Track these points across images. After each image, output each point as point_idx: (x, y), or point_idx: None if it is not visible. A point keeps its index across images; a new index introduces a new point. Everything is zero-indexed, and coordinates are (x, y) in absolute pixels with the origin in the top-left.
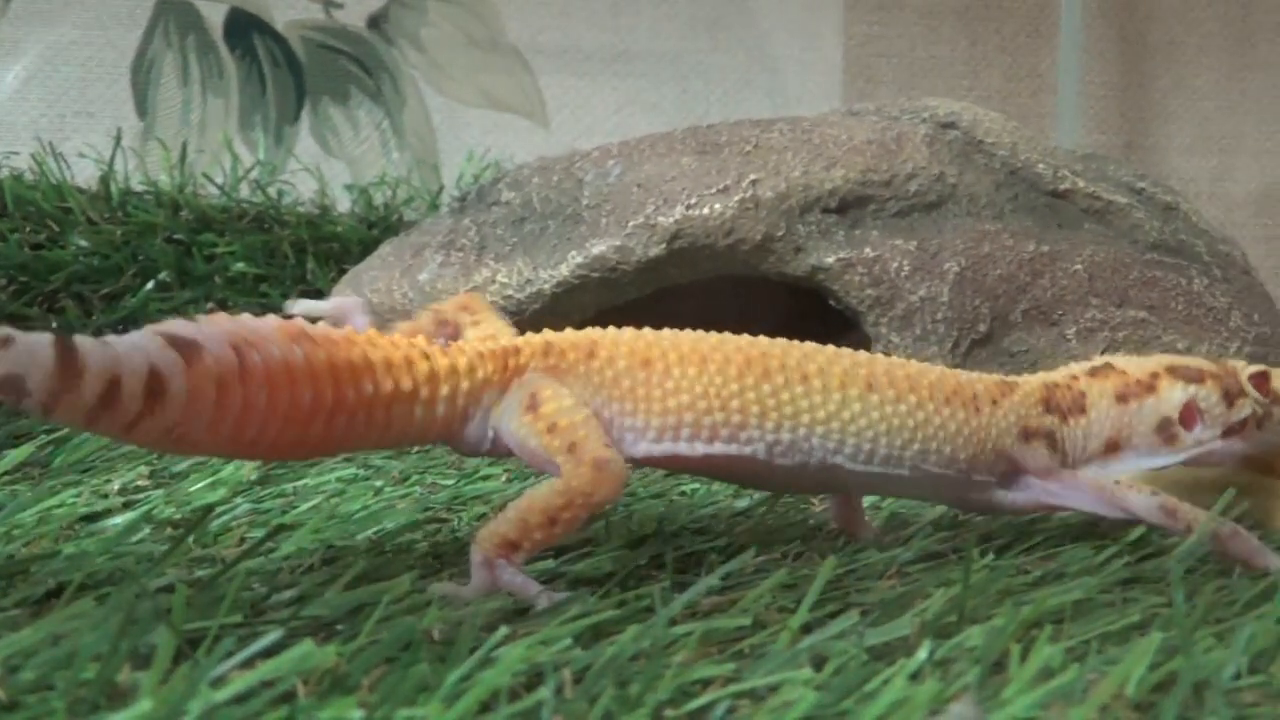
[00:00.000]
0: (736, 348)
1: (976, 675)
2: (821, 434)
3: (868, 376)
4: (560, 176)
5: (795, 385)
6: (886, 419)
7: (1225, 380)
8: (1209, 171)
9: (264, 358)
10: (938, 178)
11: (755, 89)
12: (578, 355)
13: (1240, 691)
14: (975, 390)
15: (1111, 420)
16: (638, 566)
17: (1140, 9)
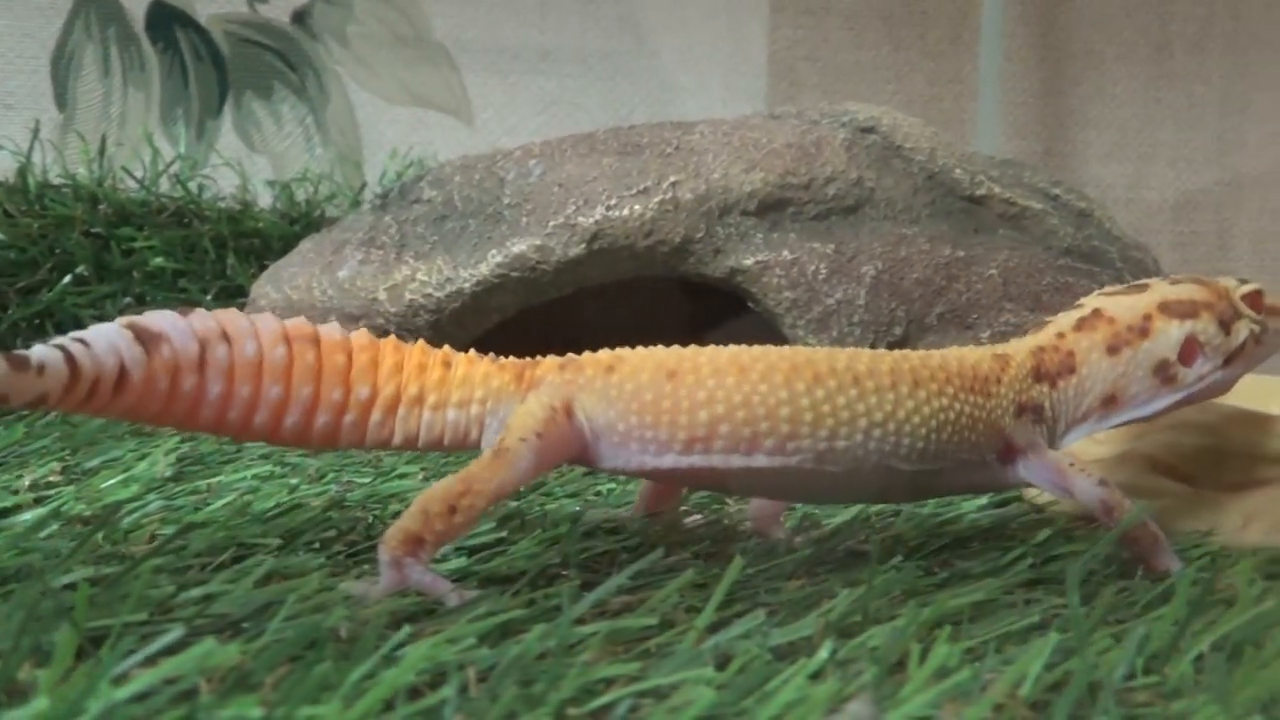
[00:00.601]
0: (780, 354)
1: (875, 675)
2: (879, 436)
3: (910, 373)
4: (482, 175)
5: (849, 389)
6: (935, 414)
7: (1219, 306)
8: (1126, 178)
9: (233, 353)
10: (856, 182)
11: (681, 90)
12: (595, 370)
13: (1134, 691)
14: (984, 373)
15: (1104, 374)
16: (548, 566)
17: (1060, 18)
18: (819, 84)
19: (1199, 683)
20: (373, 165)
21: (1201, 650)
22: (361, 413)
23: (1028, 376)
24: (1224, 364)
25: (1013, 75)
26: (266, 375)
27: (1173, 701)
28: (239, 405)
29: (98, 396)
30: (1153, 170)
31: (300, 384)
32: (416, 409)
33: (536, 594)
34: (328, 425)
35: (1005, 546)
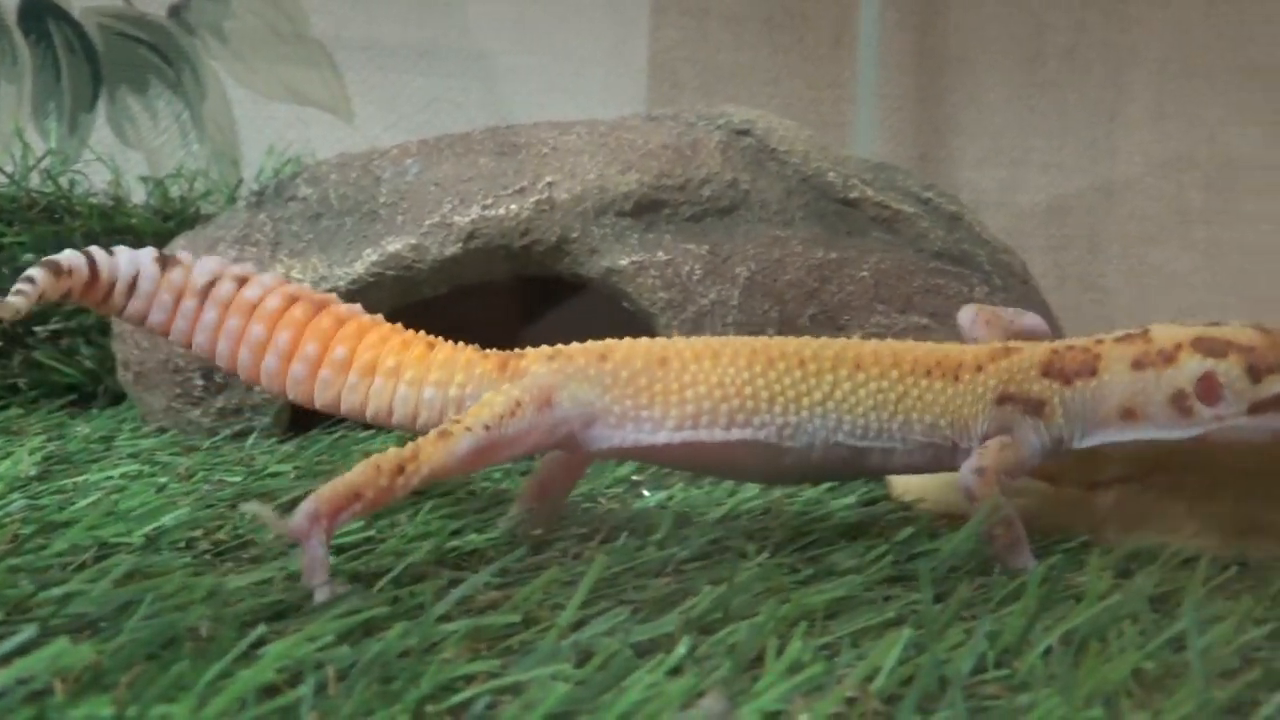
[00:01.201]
0: (742, 340)
1: (730, 670)
2: (820, 413)
3: (854, 357)
4: (358, 174)
5: (794, 370)
6: (872, 395)
7: (1256, 354)
8: (999, 183)
9: (237, 292)
10: (731, 184)
11: (562, 90)
12: (588, 359)
13: (985, 684)
14: (962, 360)
15: (1124, 387)
16: (416, 563)
17: (936, 25)
18: (700, 85)
19: (1048, 676)
20: (250, 162)
21: (1050, 644)
22: (336, 371)
23: (1031, 369)
24: (1250, 411)
25: (890, 81)
26: (256, 316)
27: (1020, 694)
28: (228, 336)
29: (113, 298)
30: (1025, 176)
31: (282, 330)
32: (392, 381)
33: (401, 591)
34: (303, 376)
35: (870, 544)
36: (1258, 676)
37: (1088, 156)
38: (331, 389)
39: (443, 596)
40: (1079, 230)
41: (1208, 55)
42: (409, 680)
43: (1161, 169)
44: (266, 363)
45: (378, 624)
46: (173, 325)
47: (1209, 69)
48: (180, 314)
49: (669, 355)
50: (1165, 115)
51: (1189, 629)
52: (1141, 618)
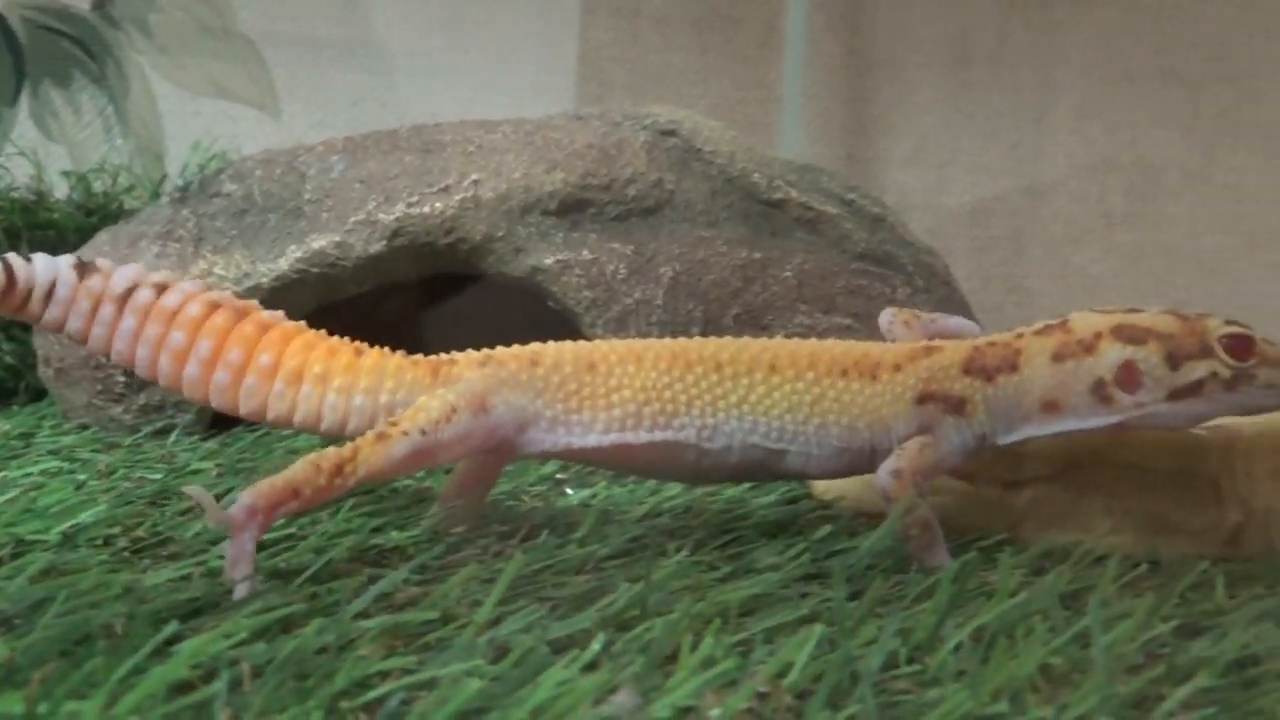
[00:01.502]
0: (663, 344)
1: (642, 665)
2: (736, 416)
3: (771, 359)
4: (283, 170)
5: (710, 374)
6: (787, 397)
7: (1175, 341)
8: (925, 184)
9: (154, 297)
10: (656, 184)
11: (491, 89)
12: (520, 364)
13: (897, 680)
14: (881, 359)
15: (1046, 380)
16: (335, 560)
17: (864, 27)
18: (628, 85)
19: (958, 671)
20: (175, 158)
21: (961, 640)
22: (262, 378)
23: (952, 368)
24: (1169, 398)
25: (817, 82)
26: (176, 323)
27: (929, 689)
28: (147, 344)
29: (30, 305)
30: (951, 177)
31: (204, 337)
32: (320, 388)
33: (320, 588)
34: (226, 383)
35: (790, 542)
36: (1161, 672)
37: (1013, 159)
38: (256, 397)
39: (361, 593)
40: (1003, 232)
41: (1130, 60)
42: (324, 676)
43: (1085, 172)
44: (188, 370)
45: (295, 621)
46: (90, 333)
47: (1131, 73)
48: (98, 321)
49: (596, 360)
50: (1089, 119)
51: (1093, 625)
52: (1052, 614)
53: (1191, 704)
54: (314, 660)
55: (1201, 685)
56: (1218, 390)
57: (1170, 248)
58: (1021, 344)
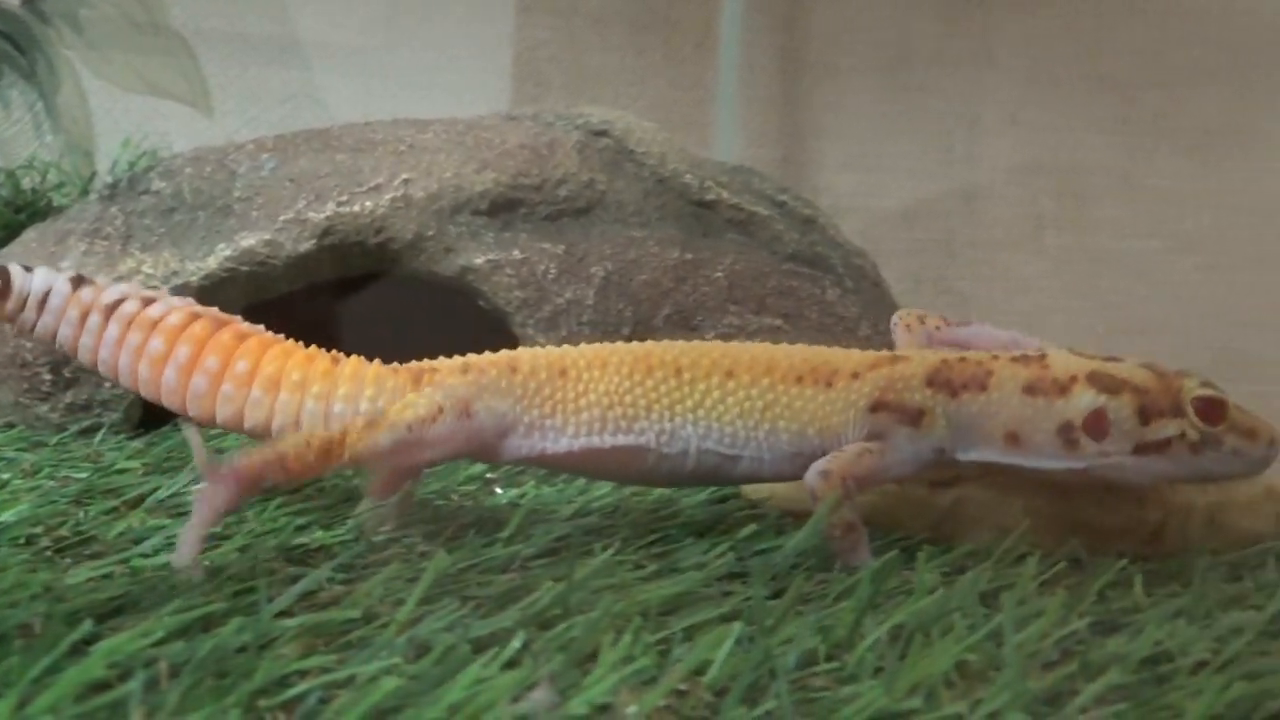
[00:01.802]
0: (627, 349)
1: (560, 663)
2: (691, 420)
3: (730, 364)
4: (213, 168)
5: (669, 379)
6: (740, 403)
7: (1149, 396)
8: (859, 187)
9: (140, 310)
10: (587, 184)
11: (427, 88)
12: (499, 371)
13: (815, 676)
14: (839, 366)
15: (1013, 409)
16: (259, 559)
17: (799, 30)
18: (564, 85)
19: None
20: (106, 155)
21: (880, 638)
22: (238, 385)
23: (914, 379)
24: (1134, 451)
25: (753, 84)
26: (156, 331)
27: (846, 686)
28: (129, 351)
29: (25, 313)
30: (885, 180)
31: (182, 344)
32: (298, 394)
33: (242, 587)
34: (204, 390)
35: (716, 540)
36: (1076, 668)
37: (945, 162)
38: (233, 404)
39: (283, 592)
40: (936, 235)
41: (1061, 65)
42: (242, 675)
43: (1016, 175)
44: (166, 376)
45: (216, 620)
46: (79, 342)
47: (1062, 78)
48: (86, 330)
49: (567, 365)
50: (1020, 123)
51: (1006, 623)
52: (971, 612)
53: (1104, 699)
54: (233, 659)
55: (1114, 681)
56: (1183, 451)
57: (1100, 250)
58: (995, 366)
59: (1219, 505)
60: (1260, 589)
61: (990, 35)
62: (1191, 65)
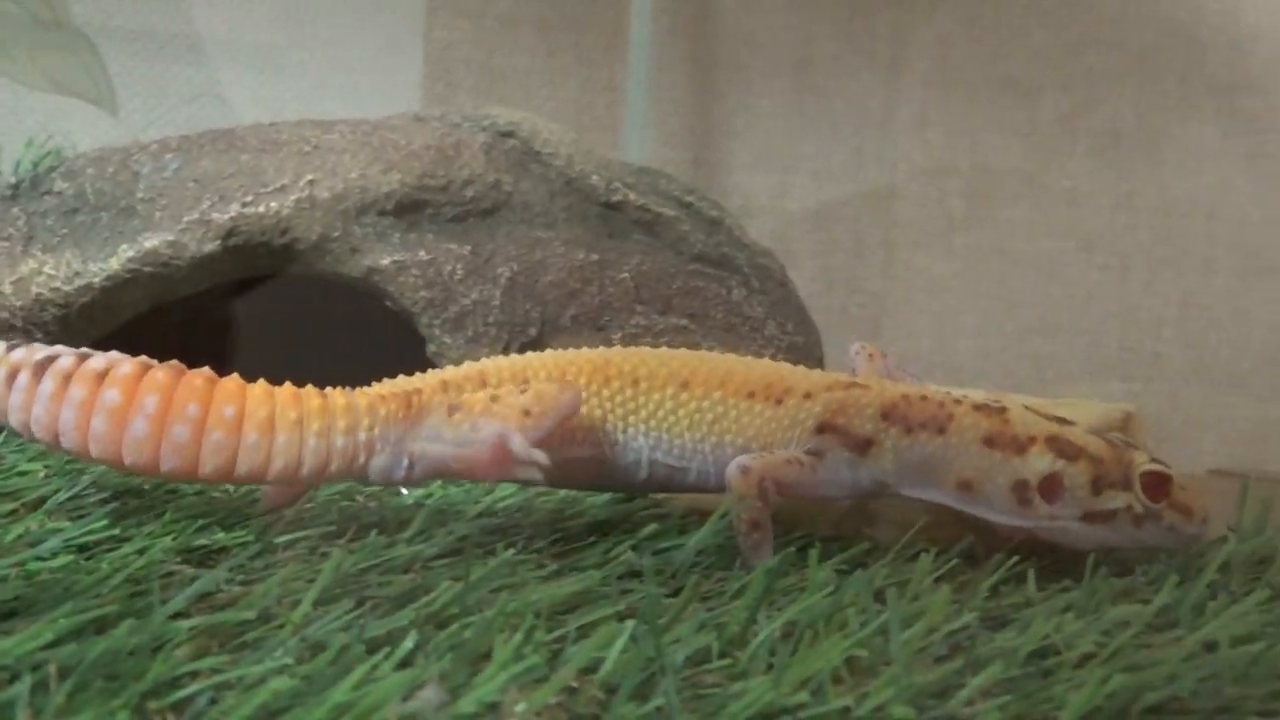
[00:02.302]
0: (587, 358)
1: (449, 661)
2: (643, 431)
3: (688, 375)
4: (116, 168)
5: (626, 389)
6: (690, 415)
7: (1104, 467)
8: (769, 188)
9: (77, 362)
10: (494, 185)
11: (336, 88)
12: (473, 385)
13: (708, 674)
14: (794, 385)
15: (971, 458)
16: (157, 560)
17: (708, 32)
18: (474, 86)
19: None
20: (8, 155)
21: (772, 634)
22: (229, 431)
23: (869, 408)
24: (1082, 518)
25: (663, 85)
26: (108, 382)
27: (736, 682)
28: (72, 405)
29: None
30: (794, 181)
31: (147, 393)
32: (298, 433)
33: (139, 589)
34: (186, 439)
35: (619, 539)
36: (963, 662)
37: (856, 163)
38: (225, 451)
39: (179, 594)
40: (846, 235)
41: (969, 68)
42: (133, 677)
43: (926, 176)
44: (134, 428)
45: (110, 622)
46: (7, 401)
47: (971, 81)
48: (15, 389)
49: (529, 376)
50: (929, 125)
51: (892, 618)
52: (865, 608)
53: (989, 692)
54: (125, 661)
55: (1000, 674)
56: (1126, 522)
57: (1008, 250)
58: (956, 411)
59: None
60: (1149, 582)
61: (900, 38)
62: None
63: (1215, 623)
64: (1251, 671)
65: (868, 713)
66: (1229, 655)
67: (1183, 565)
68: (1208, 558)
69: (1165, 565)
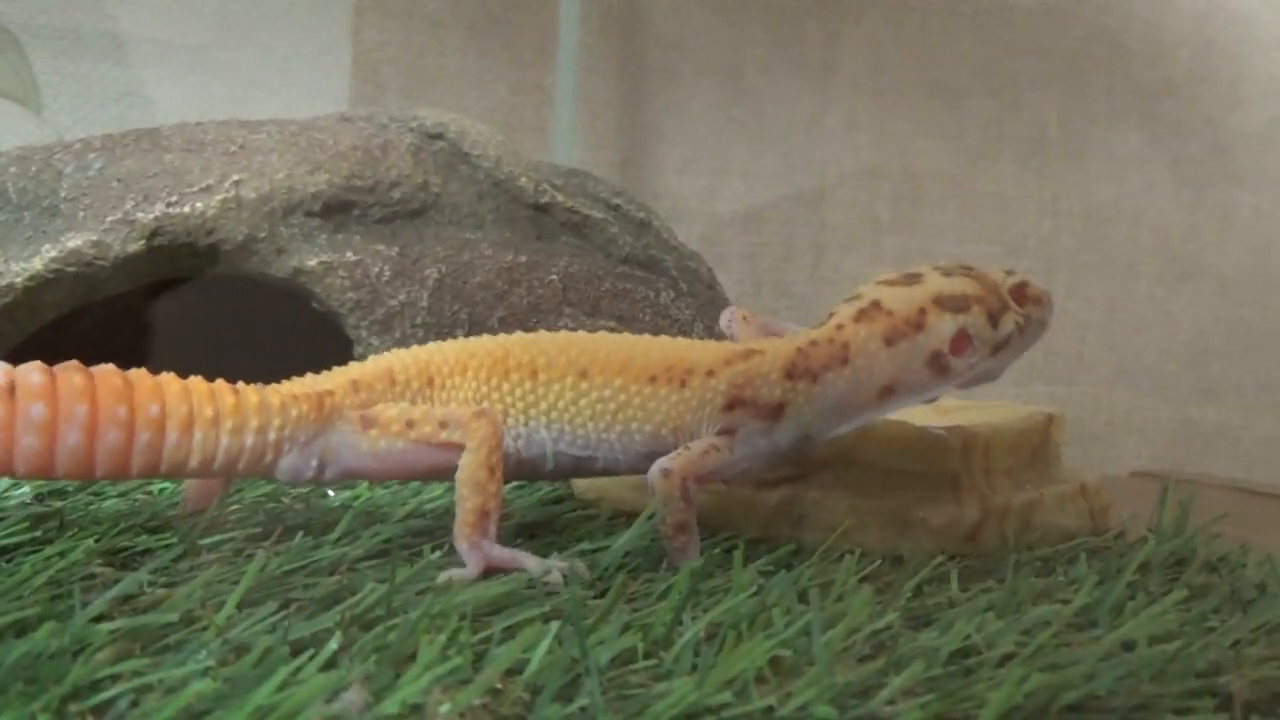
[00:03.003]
0: (487, 350)
1: (372, 663)
2: (545, 424)
3: (586, 363)
4: (39, 167)
5: (525, 381)
6: (592, 405)
7: (989, 300)
8: (699, 190)
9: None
10: (421, 186)
11: (264, 88)
12: (383, 385)
13: (633, 674)
14: (694, 364)
15: (882, 365)
16: (78, 563)
17: (638, 35)
18: (403, 87)
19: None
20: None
21: (697, 635)
22: (155, 431)
23: (772, 373)
24: (991, 354)
25: (593, 87)
26: (24, 395)
27: (661, 683)
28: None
29: None
30: (724, 184)
31: (74, 402)
32: (213, 430)
33: (60, 591)
34: (119, 444)
35: (549, 541)
36: (886, 662)
37: (784, 166)
38: (151, 451)
39: (101, 596)
40: (775, 238)
41: (898, 72)
42: (53, 680)
43: (854, 180)
44: (67, 440)
45: (30, 624)
46: None
47: (898, 85)
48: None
49: (433, 372)
50: (858, 128)
51: (814, 618)
52: (791, 609)
53: (911, 691)
54: (45, 664)
55: (921, 674)
56: (1017, 337)
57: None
58: (846, 335)
59: (1033, 503)
60: (1070, 583)
61: (829, 42)
62: (1024, 74)
63: (1133, 622)
64: (1168, 670)
65: (791, 712)
66: (1146, 654)
67: (1103, 566)
68: (1128, 558)
69: (1087, 567)
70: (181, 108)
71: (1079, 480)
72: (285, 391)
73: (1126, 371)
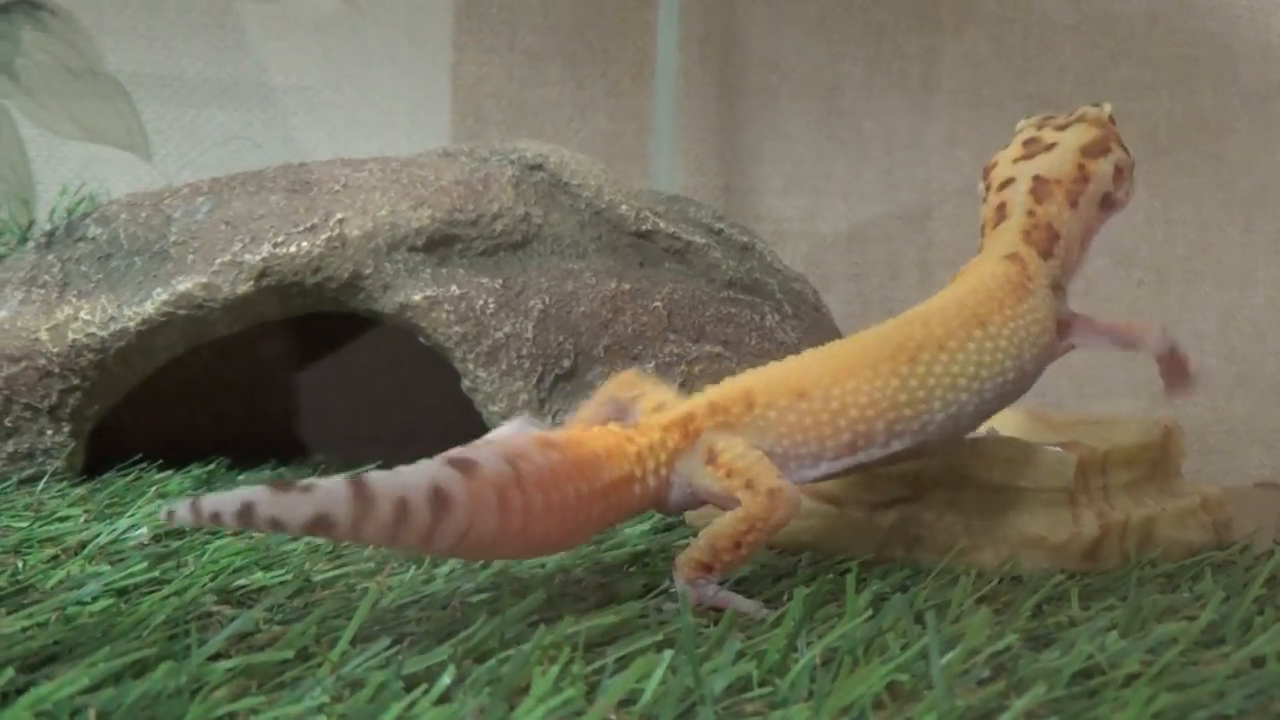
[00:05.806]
0: (850, 352)
1: (488, 695)
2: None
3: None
4: (149, 213)
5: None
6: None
7: (1112, 131)
8: (801, 211)
9: (534, 466)
10: (523, 218)
11: (367, 127)
12: (740, 408)
13: (748, 702)
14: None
15: (1076, 229)
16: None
17: (736, 58)
18: (503, 120)
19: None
20: (44, 202)
21: (813, 661)
22: (605, 497)
23: (1039, 260)
24: (1132, 173)
25: (691, 113)
26: (564, 479)
27: (776, 710)
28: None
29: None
30: (826, 204)
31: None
32: (632, 484)
33: (177, 631)
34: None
35: (660, 569)
36: (1007, 684)
37: (886, 184)
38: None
39: (217, 634)
40: (879, 257)
41: (998, 86)
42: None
43: (957, 196)
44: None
45: (149, 665)
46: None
47: (999, 98)
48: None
49: (805, 386)
50: (959, 144)
51: (931, 641)
52: (907, 632)
53: (1033, 714)
54: (163, 704)
55: (1043, 695)
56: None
57: None
58: (1043, 217)
59: (1153, 518)
60: (1195, 599)
61: (927, 57)
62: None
63: (1262, 638)
64: None
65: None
66: (1277, 670)
67: (1228, 581)
68: (1254, 572)
69: (1213, 583)
70: (286, 149)
71: (1200, 493)
72: (658, 425)
73: (1246, 381)
